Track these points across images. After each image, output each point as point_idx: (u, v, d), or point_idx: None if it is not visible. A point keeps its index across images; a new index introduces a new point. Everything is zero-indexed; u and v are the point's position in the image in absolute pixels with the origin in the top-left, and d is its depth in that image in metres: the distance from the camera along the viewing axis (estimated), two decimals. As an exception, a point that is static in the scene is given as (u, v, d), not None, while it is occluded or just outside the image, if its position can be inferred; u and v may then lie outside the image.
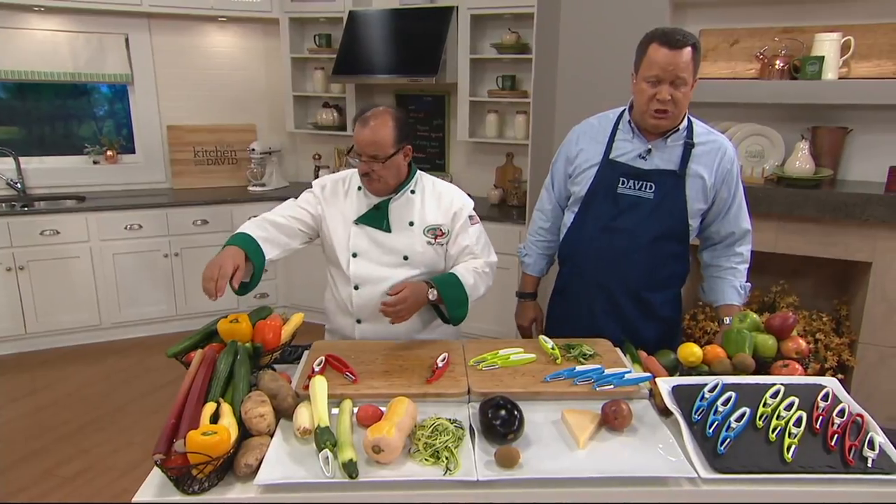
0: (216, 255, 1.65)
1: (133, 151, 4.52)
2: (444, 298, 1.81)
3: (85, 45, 4.19)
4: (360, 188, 1.91)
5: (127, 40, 4.27)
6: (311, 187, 1.97)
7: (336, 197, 1.93)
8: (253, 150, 4.46)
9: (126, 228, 3.96)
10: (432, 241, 1.89)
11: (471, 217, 1.93)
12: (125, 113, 4.49)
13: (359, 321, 1.92)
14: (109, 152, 4.39)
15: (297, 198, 1.97)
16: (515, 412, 1.34)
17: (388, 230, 1.87)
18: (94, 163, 4.39)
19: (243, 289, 1.69)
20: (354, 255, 1.88)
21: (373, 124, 1.76)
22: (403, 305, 1.73)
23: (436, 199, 1.91)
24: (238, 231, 1.79)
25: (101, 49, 4.23)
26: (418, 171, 1.94)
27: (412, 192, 1.90)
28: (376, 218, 1.88)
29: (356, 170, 1.90)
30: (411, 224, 1.87)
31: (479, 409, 1.37)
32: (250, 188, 4.50)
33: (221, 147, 4.64)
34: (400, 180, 1.87)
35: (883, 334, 2.79)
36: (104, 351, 3.94)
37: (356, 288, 1.89)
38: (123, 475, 2.66)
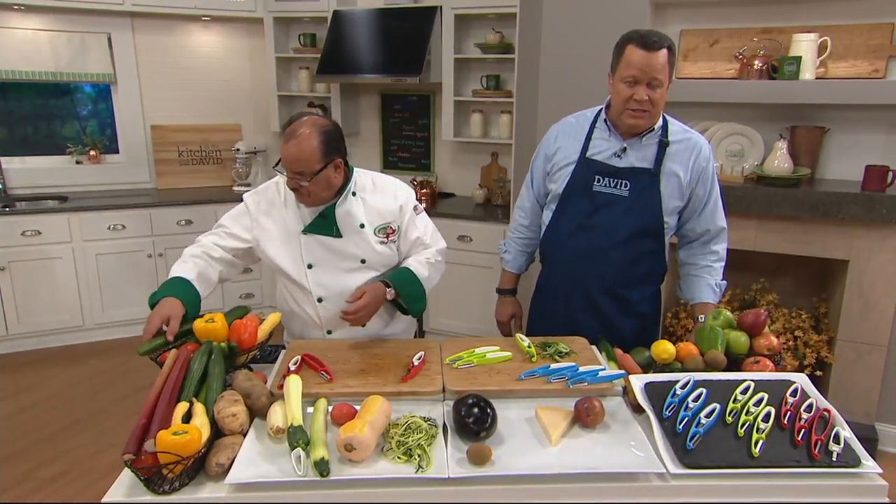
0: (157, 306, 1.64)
1: (116, 151, 4.49)
2: (403, 296, 1.82)
3: (67, 44, 4.16)
4: None
5: (109, 39, 4.25)
6: (244, 202, 1.93)
7: (273, 210, 1.86)
8: (238, 149, 4.45)
9: (109, 229, 3.94)
10: (384, 240, 1.87)
11: (415, 207, 1.92)
12: (108, 112, 4.46)
13: (329, 332, 1.90)
14: (92, 152, 4.37)
15: (230, 216, 1.93)
16: (488, 410, 1.35)
17: (339, 235, 1.82)
18: (77, 163, 4.36)
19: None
20: (310, 267, 1.83)
21: (297, 139, 1.67)
22: (364, 312, 1.74)
23: (380, 196, 1.88)
24: (174, 274, 1.76)
25: (83, 48, 4.20)
26: (356, 171, 1.88)
27: (353, 193, 1.84)
28: (324, 225, 1.81)
29: None
30: (362, 226, 1.84)
31: (453, 407, 1.38)
32: (235, 188, 4.48)
33: (206, 147, 4.62)
34: (333, 191, 1.79)
35: (859, 331, 2.82)
36: (87, 352, 3.91)
37: (319, 301, 1.85)
38: (104, 477, 2.65)
